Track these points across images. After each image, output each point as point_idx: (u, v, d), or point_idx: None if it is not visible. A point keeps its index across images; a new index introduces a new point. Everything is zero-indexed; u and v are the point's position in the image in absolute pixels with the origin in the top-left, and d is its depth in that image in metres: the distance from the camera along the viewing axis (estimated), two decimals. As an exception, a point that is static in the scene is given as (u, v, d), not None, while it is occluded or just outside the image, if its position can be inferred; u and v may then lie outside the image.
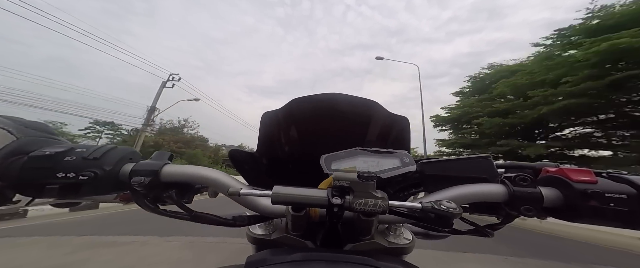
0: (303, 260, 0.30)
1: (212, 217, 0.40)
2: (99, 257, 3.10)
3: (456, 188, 0.35)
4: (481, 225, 0.40)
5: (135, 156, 0.37)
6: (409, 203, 0.29)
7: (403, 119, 0.46)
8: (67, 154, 0.32)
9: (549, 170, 0.36)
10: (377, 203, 0.26)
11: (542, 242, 5.21)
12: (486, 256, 3.76)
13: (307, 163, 0.41)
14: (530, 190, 0.33)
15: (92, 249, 3.39)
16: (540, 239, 5.54)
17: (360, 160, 0.39)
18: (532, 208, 0.32)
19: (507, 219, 0.37)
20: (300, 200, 0.28)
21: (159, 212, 0.36)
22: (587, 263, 3.77)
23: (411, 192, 0.45)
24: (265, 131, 0.47)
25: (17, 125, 0.34)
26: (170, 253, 3.36)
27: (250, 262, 0.30)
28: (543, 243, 5.16)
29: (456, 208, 0.27)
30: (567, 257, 4.04)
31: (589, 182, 0.31)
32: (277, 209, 0.36)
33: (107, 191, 0.34)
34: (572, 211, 0.32)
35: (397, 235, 0.42)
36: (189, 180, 0.36)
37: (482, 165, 0.38)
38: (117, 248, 3.48)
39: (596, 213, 0.31)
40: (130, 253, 3.28)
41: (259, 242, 0.43)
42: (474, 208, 0.40)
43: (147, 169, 0.34)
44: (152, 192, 0.35)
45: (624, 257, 4.50)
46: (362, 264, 0.29)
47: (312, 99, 0.43)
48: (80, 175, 0.30)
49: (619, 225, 0.31)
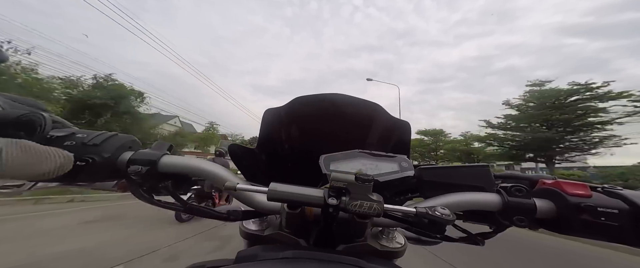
0: (294, 257, 0.30)
1: (206, 210, 0.40)
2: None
3: (452, 195, 0.35)
4: (473, 233, 0.40)
5: (134, 144, 0.37)
6: (403, 207, 0.29)
7: (404, 123, 0.46)
8: (67, 139, 0.32)
9: (545, 182, 0.36)
10: (373, 206, 0.26)
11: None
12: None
13: (306, 163, 0.41)
14: (524, 200, 0.33)
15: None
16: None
17: (359, 162, 0.39)
18: (525, 218, 0.32)
19: (499, 229, 0.38)
20: (296, 198, 0.28)
21: (153, 202, 0.36)
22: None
23: (408, 196, 0.45)
24: (266, 128, 0.47)
25: (4, 99, 0.34)
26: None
27: (241, 257, 0.30)
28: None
29: (450, 214, 0.27)
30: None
31: (583, 195, 0.32)
32: (272, 206, 0.36)
33: (103, 178, 0.34)
34: (564, 223, 0.32)
35: (390, 239, 0.42)
36: (186, 172, 0.36)
37: (480, 173, 0.38)
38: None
39: (587, 226, 0.31)
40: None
41: (251, 238, 0.43)
42: (468, 216, 0.40)
43: (145, 158, 0.33)
44: (149, 181, 0.35)
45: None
46: (352, 265, 0.29)
47: (314, 98, 0.43)
48: (78, 160, 0.30)
49: (608, 239, 0.31)
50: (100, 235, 3.43)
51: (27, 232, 3.41)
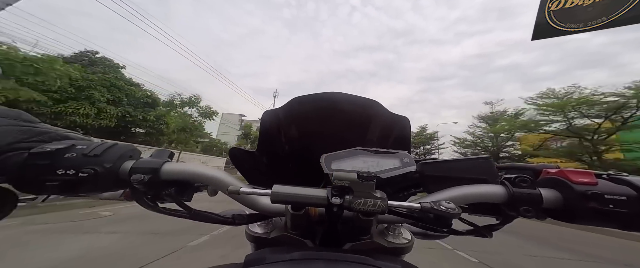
0: (302, 258, 0.30)
1: (211, 216, 0.40)
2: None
3: (456, 189, 0.35)
4: (480, 226, 0.40)
5: (135, 153, 0.37)
6: (408, 203, 0.29)
7: (404, 118, 0.46)
8: (67, 151, 0.32)
9: (550, 171, 0.36)
10: (376, 203, 0.26)
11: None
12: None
13: (307, 163, 0.41)
14: (529, 191, 0.33)
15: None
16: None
17: (361, 160, 0.39)
18: (531, 209, 0.32)
19: (506, 220, 0.37)
20: (299, 199, 0.28)
21: (158, 210, 0.36)
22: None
23: (411, 192, 0.45)
24: (265, 130, 0.47)
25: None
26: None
27: (249, 260, 0.30)
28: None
29: (455, 208, 0.27)
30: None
31: (589, 183, 0.31)
32: (277, 208, 0.36)
33: (107, 188, 0.34)
34: (572, 212, 0.32)
35: (396, 235, 0.42)
36: (188, 178, 0.36)
37: (483, 166, 0.37)
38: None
39: (595, 214, 0.31)
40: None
41: (257, 241, 0.43)
42: (473, 209, 0.40)
43: (147, 167, 0.34)
44: (152, 189, 0.35)
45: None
46: (360, 263, 0.29)
47: (313, 97, 0.43)
48: (80, 172, 0.30)
49: (618, 226, 0.31)
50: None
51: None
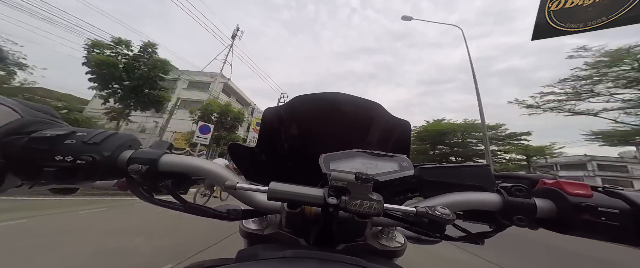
0: (294, 257, 0.30)
1: (206, 209, 0.40)
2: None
3: (452, 195, 0.35)
4: (472, 233, 0.40)
5: (134, 143, 0.37)
6: (403, 207, 0.29)
7: (405, 122, 0.46)
8: (67, 137, 0.32)
9: (546, 182, 0.36)
10: (372, 206, 0.26)
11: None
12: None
13: (306, 162, 0.41)
14: (524, 200, 0.33)
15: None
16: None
17: (359, 161, 0.39)
18: (525, 218, 0.32)
19: (499, 228, 0.38)
20: (296, 197, 0.28)
21: (153, 202, 0.36)
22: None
23: (407, 196, 0.45)
24: (266, 127, 0.47)
25: (22, 105, 0.34)
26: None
27: (241, 256, 0.30)
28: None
29: (450, 214, 0.27)
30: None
31: (584, 195, 0.32)
32: (272, 205, 0.36)
33: (103, 177, 0.34)
34: (564, 223, 0.32)
35: (390, 238, 0.42)
36: (186, 170, 0.36)
37: (480, 173, 0.38)
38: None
39: (588, 226, 0.31)
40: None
41: (251, 237, 0.43)
42: (468, 216, 0.40)
43: (146, 157, 0.33)
44: (149, 180, 0.35)
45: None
46: (352, 265, 0.29)
47: (314, 97, 0.43)
48: (78, 159, 0.30)
49: (609, 239, 0.31)
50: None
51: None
